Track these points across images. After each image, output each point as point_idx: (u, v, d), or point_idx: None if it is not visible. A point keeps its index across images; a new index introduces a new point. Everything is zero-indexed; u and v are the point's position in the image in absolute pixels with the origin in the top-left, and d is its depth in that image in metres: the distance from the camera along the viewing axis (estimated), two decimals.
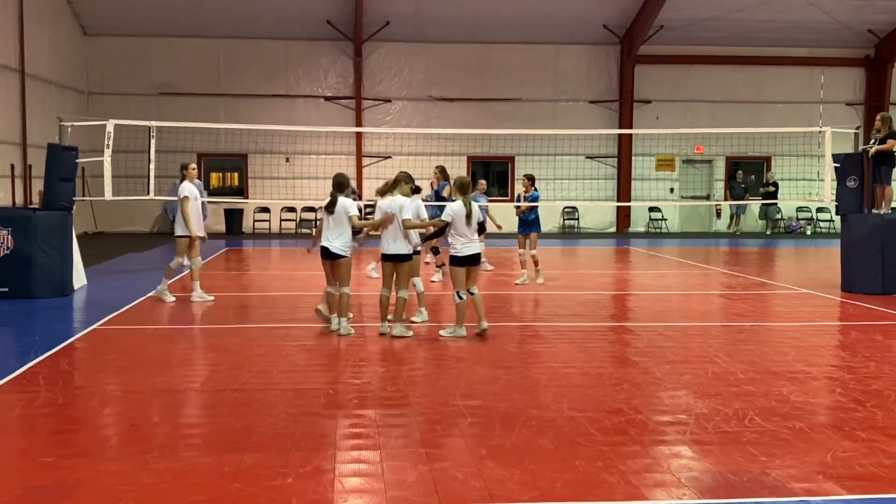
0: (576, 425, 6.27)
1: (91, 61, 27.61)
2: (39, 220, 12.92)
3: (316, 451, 5.69)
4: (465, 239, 9.74)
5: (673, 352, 9.06)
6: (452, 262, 9.81)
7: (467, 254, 9.74)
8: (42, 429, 6.28)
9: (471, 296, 9.79)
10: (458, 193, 10.01)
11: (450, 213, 9.81)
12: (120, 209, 25.25)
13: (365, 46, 28.32)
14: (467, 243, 9.75)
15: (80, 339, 9.66)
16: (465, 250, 9.73)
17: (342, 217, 9.77)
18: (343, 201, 9.82)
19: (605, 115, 29.63)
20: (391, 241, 9.93)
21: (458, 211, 9.76)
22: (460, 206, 9.78)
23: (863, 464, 5.46)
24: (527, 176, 14.94)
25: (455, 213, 9.75)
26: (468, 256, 9.75)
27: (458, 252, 9.74)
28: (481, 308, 9.87)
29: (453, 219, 9.74)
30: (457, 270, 9.77)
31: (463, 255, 9.73)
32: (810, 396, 7.24)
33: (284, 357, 8.67)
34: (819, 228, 29.97)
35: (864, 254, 13.69)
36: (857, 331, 10.53)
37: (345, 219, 9.77)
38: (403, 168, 13.00)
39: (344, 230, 9.80)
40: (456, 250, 9.75)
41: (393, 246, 9.93)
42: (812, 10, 27.29)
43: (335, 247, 9.76)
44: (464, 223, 9.72)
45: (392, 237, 9.92)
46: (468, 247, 9.76)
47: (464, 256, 9.73)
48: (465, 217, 9.71)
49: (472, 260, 9.83)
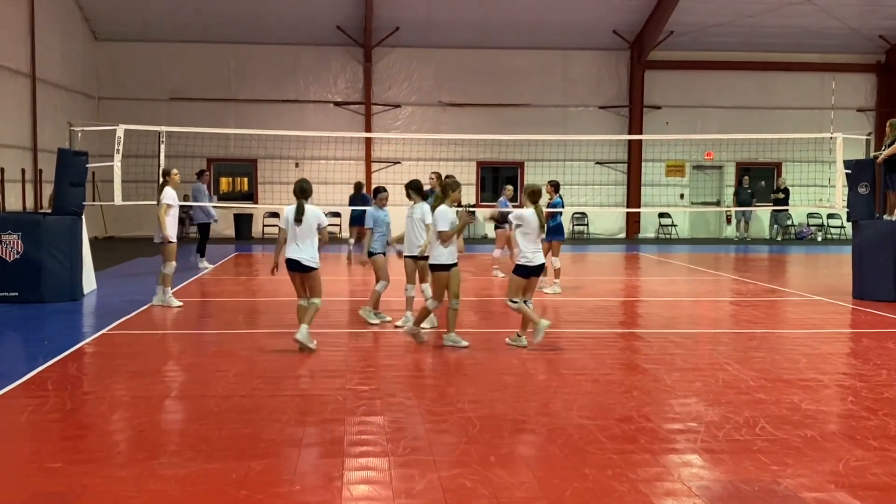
0: (585, 433, 6.23)
1: (102, 66, 27.71)
2: (49, 224, 12.94)
3: (324, 457, 5.67)
4: (535, 247, 9.49)
5: (683, 359, 9.01)
6: (519, 272, 9.51)
7: (537, 263, 9.51)
8: (50, 434, 6.27)
9: (527, 306, 9.57)
10: (528, 202, 9.63)
11: (520, 219, 9.51)
12: (130, 214, 25.24)
13: (374, 52, 28.36)
14: (537, 252, 9.51)
15: (89, 344, 9.67)
16: (535, 259, 9.48)
17: (311, 226, 9.22)
18: (312, 210, 9.25)
19: (614, 120, 29.58)
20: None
21: (531, 219, 9.46)
22: (532, 214, 9.48)
23: (875, 473, 5.41)
24: (550, 182, 14.96)
25: (527, 221, 9.45)
26: (536, 267, 9.52)
27: (530, 262, 9.46)
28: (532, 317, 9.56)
29: (523, 226, 9.46)
30: (519, 280, 9.51)
31: (533, 265, 9.48)
32: (822, 405, 7.18)
33: (293, 362, 8.65)
34: (830, 235, 29.83)
35: (876, 260, 13.61)
36: (869, 338, 10.45)
37: (314, 228, 9.23)
38: (412, 174, 13.00)
39: (313, 240, 9.26)
40: (527, 259, 9.45)
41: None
42: (823, 16, 27.21)
43: (307, 259, 9.19)
44: (536, 232, 9.48)
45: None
46: (538, 256, 9.52)
47: (533, 266, 9.49)
48: (539, 226, 9.47)
49: (538, 270, 9.63)
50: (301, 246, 9.17)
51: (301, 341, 9.05)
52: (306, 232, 9.17)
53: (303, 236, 9.17)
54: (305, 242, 9.18)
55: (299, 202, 9.21)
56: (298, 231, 9.15)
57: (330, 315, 11.94)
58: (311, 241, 9.21)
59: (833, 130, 18.55)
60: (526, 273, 9.52)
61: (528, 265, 9.47)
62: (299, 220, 9.13)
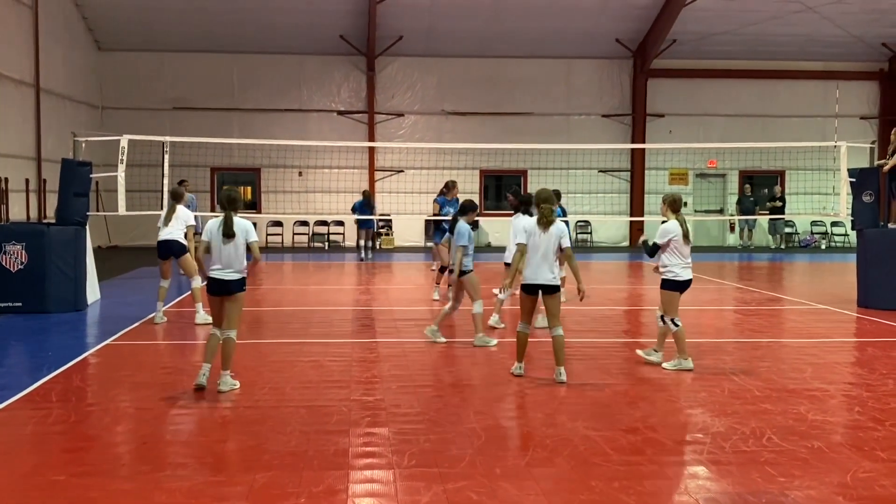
0: (591, 444, 6.21)
1: (105, 76, 27.77)
2: (53, 235, 12.94)
3: (329, 470, 5.64)
4: (684, 261, 8.98)
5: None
6: (668, 287, 9.00)
7: (687, 278, 9.01)
8: (54, 447, 6.25)
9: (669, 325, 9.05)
10: (669, 212, 9.09)
11: (666, 234, 8.97)
12: (133, 223, 25.24)
13: (378, 61, 28.40)
14: (686, 266, 9.00)
15: (93, 355, 9.65)
16: (684, 274, 8.97)
17: (240, 242, 7.97)
18: (242, 223, 8.05)
19: (617, 129, 29.58)
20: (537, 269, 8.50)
21: (675, 231, 8.96)
22: (676, 226, 8.97)
23: (883, 485, 5.38)
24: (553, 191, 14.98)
25: (672, 234, 8.95)
26: (687, 281, 9.03)
27: (678, 276, 8.94)
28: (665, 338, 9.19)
29: (671, 240, 8.93)
30: (674, 296, 8.99)
31: (683, 280, 8.98)
32: (828, 415, 7.15)
33: (297, 373, 8.63)
34: (834, 243, 29.79)
35: (881, 269, 13.58)
36: (875, 347, 10.42)
37: (243, 243, 8.00)
38: (415, 183, 12.97)
39: (241, 257, 7.99)
40: (674, 274, 8.93)
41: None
42: (826, 24, 27.22)
43: (234, 278, 7.93)
44: (682, 243, 8.96)
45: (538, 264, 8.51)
46: (687, 270, 9.00)
47: (683, 281, 8.99)
48: (683, 236, 8.97)
49: (689, 284, 9.08)
50: (228, 263, 7.92)
51: (225, 391, 7.82)
52: (234, 248, 7.95)
53: (228, 252, 7.93)
54: (234, 260, 7.93)
55: (227, 213, 8.01)
56: (224, 248, 7.93)
57: (334, 324, 11.94)
58: (240, 259, 7.97)
59: (837, 138, 18.55)
60: (678, 287, 8.99)
61: (677, 280, 8.95)
62: (229, 234, 7.92)
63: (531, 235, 8.47)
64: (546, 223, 8.43)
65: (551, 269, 8.39)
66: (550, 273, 8.37)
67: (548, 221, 8.42)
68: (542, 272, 8.37)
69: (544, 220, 8.44)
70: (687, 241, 8.98)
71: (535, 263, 8.40)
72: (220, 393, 7.77)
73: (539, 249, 8.39)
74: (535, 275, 8.38)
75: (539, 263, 8.39)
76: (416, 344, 10.39)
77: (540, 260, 8.38)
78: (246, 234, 8.03)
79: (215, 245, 7.98)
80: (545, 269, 8.37)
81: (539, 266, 8.38)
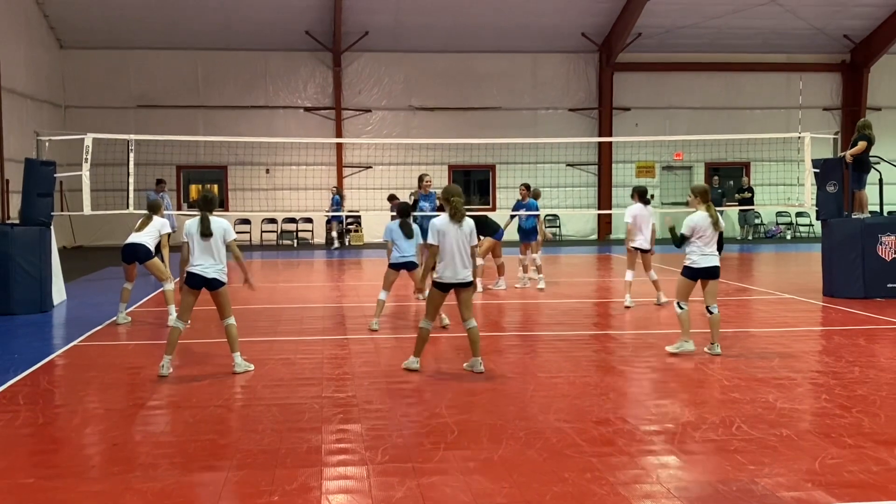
0: (563, 436, 6.24)
1: (68, 75, 27.45)
2: (17, 235, 12.77)
3: (302, 467, 5.62)
4: (702, 250, 9.11)
5: (658, 359, 9.05)
6: (684, 273, 9.25)
7: (704, 265, 9.14)
8: (22, 449, 6.18)
9: (709, 315, 9.24)
10: (700, 203, 9.25)
11: (694, 226, 9.12)
12: (99, 223, 25.02)
13: (344, 57, 28.31)
14: (704, 255, 9.11)
15: (60, 357, 9.55)
16: (702, 262, 9.12)
17: (218, 240, 8.40)
18: (220, 222, 8.51)
19: (584, 122, 29.73)
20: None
21: (703, 223, 9.11)
22: (704, 217, 9.15)
23: (851, 470, 5.45)
24: (524, 184, 15.10)
25: (700, 226, 9.10)
26: (701, 269, 9.16)
27: (694, 263, 9.13)
28: (716, 330, 9.28)
29: (694, 230, 9.11)
30: (686, 283, 9.23)
31: (699, 268, 9.15)
32: (796, 403, 7.24)
33: (268, 371, 8.59)
34: (798, 233, 30.15)
35: (845, 258, 13.76)
36: (841, 335, 10.56)
37: (221, 241, 8.43)
38: (384, 178, 12.92)
39: (221, 255, 8.42)
40: (692, 261, 9.14)
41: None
42: (789, 17, 27.52)
43: (214, 274, 8.36)
44: (709, 234, 9.12)
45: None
46: (706, 258, 9.12)
47: (699, 269, 9.15)
48: (713, 225, 9.12)
49: (710, 273, 9.21)
50: (207, 260, 8.34)
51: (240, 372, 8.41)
52: (214, 246, 8.37)
53: (209, 250, 8.36)
54: (215, 257, 8.37)
55: (203, 214, 8.46)
56: (205, 245, 8.35)
57: (304, 321, 11.91)
58: (220, 256, 8.41)
59: (801, 129, 18.75)
60: (691, 274, 9.22)
61: (692, 267, 9.17)
62: (206, 233, 8.34)
63: (444, 235, 8.29)
64: (459, 217, 8.32)
65: (466, 265, 8.31)
66: (466, 269, 8.32)
67: (461, 215, 8.33)
68: (460, 271, 8.27)
69: (458, 214, 8.31)
70: (717, 229, 9.14)
71: (452, 262, 8.26)
72: (235, 374, 8.34)
73: (455, 247, 8.27)
74: (454, 274, 8.25)
75: (456, 262, 8.26)
76: (387, 340, 10.39)
77: (457, 258, 8.26)
78: (224, 234, 8.48)
79: (196, 244, 8.39)
80: (462, 266, 8.27)
81: (456, 265, 8.26)
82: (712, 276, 9.27)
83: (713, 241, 9.22)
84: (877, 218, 14.32)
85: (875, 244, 13.67)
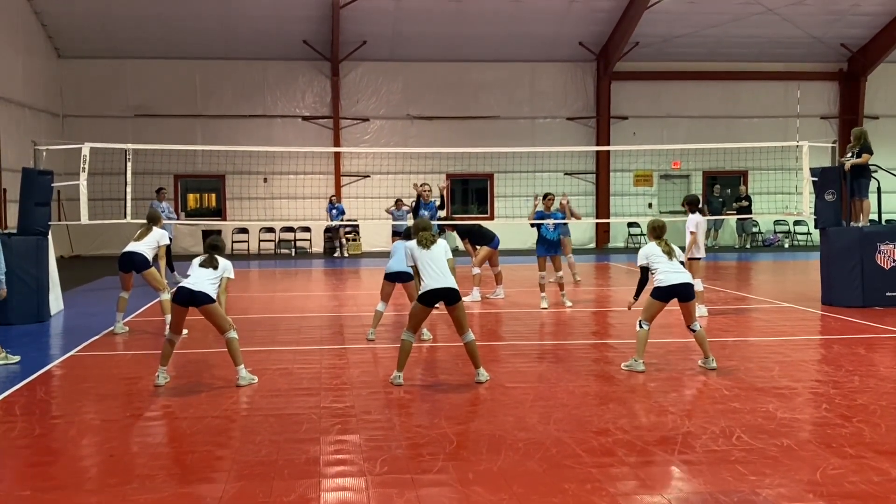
0: (563, 447, 6.20)
1: (66, 84, 27.45)
2: (15, 245, 12.72)
3: (300, 478, 5.58)
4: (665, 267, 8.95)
5: (657, 369, 9.02)
6: (653, 293, 8.98)
7: (673, 282, 8.84)
8: (18, 461, 6.14)
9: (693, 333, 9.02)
10: (651, 237, 9.35)
11: (644, 254, 9.15)
12: (96, 232, 25.01)
13: (342, 66, 28.33)
14: (668, 272, 8.90)
15: (57, 367, 9.51)
16: (669, 279, 8.85)
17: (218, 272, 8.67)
18: (225, 262, 8.81)
19: (582, 131, 29.74)
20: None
21: (653, 249, 9.11)
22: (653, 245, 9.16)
23: (853, 481, 5.42)
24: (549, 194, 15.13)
25: (650, 252, 9.09)
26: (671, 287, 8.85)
27: (661, 282, 8.86)
28: (705, 345, 9.05)
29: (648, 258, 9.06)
30: (653, 303, 8.95)
31: (665, 286, 8.85)
32: (797, 412, 7.21)
33: (266, 381, 8.55)
34: (797, 241, 30.15)
35: (844, 267, 13.75)
36: (840, 344, 10.53)
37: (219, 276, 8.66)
38: (382, 188, 12.88)
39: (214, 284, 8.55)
40: (659, 280, 8.89)
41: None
42: (786, 26, 27.58)
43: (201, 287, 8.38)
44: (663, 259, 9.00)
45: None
46: (672, 275, 8.87)
47: (666, 287, 8.85)
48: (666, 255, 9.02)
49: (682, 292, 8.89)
50: (198, 282, 8.41)
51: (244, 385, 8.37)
52: (211, 273, 8.57)
53: (205, 275, 8.52)
54: (205, 280, 8.46)
55: (211, 255, 8.77)
56: (202, 271, 8.56)
57: (302, 331, 11.87)
58: (212, 283, 8.49)
59: (798, 138, 18.77)
60: (661, 295, 8.91)
61: (662, 286, 8.87)
62: (213, 265, 8.63)
63: (417, 257, 8.45)
64: (427, 244, 8.45)
65: (445, 275, 8.31)
66: (446, 277, 8.30)
67: (430, 244, 8.45)
68: (440, 280, 8.25)
69: (426, 243, 8.46)
70: (671, 258, 9.01)
71: (427, 274, 8.31)
72: (238, 387, 8.26)
73: (428, 261, 8.36)
74: (434, 282, 8.24)
75: (434, 273, 8.29)
76: (385, 350, 10.36)
77: (434, 269, 8.31)
78: (224, 270, 8.72)
79: (193, 269, 8.61)
80: (441, 275, 8.27)
81: (437, 275, 8.27)
82: (686, 298, 8.94)
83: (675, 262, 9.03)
84: (875, 227, 14.32)
85: (874, 253, 13.66)
